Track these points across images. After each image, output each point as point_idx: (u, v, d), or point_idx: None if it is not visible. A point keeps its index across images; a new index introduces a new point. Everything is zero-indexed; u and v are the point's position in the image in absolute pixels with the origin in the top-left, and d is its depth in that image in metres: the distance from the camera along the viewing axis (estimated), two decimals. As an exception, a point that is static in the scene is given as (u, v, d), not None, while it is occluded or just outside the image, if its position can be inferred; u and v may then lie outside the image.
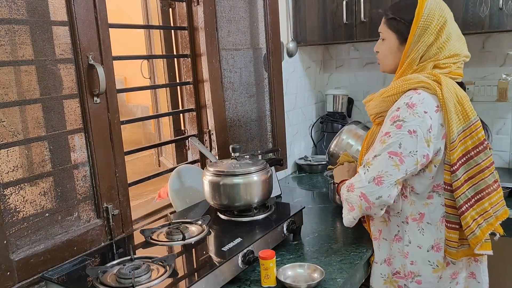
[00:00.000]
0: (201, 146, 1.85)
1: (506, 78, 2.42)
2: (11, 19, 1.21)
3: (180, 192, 1.80)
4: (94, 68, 1.39)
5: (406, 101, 1.32)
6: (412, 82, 1.35)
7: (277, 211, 1.69)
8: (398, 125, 1.30)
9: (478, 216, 1.32)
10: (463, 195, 1.31)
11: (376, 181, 1.31)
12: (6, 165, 1.22)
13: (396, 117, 1.32)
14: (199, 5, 1.87)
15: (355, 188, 1.35)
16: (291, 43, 2.54)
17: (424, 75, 1.36)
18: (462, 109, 1.32)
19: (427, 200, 1.40)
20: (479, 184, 1.33)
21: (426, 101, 1.31)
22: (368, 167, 1.34)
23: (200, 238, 1.46)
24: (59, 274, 1.27)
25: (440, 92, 1.31)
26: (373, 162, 1.33)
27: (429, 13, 1.36)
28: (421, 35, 1.36)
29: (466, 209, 1.31)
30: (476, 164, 1.33)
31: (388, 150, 1.31)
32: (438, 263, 1.40)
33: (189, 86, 1.96)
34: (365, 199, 1.33)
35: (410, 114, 1.29)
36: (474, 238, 1.31)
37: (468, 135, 1.33)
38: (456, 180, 1.31)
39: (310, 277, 1.40)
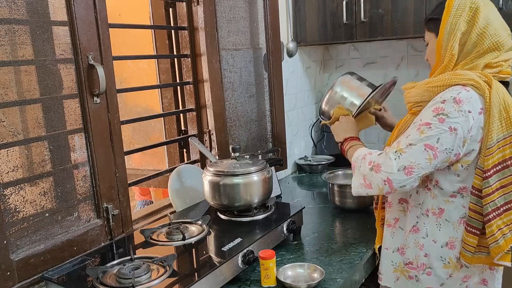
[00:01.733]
0: (201, 146, 1.85)
1: (506, 78, 2.42)
2: (11, 19, 1.21)
3: (180, 192, 1.80)
4: (94, 68, 1.39)
5: (453, 95, 1.26)
6: (463, 78, 1.29)
7: (277, 211, 1.69)
8: (441, 118, 1.25)
9: (504, 226, 1.29)
10: (492, 203, 1.27)
11: (406, 171, 1.27)
12: (6, 165, 1.22)
13: (440, 110, 1.26)
14: (199, 5, 1.87)
15: (382, 171, 1.29)
16: (291, 43, 2.54)
17: (475, 73, 1.30)
18: (507, 116, 1.28)
19: (449, 198, 1.37)
20: (510, 194, 1.29)
21: (473, 100, 1.26)
22: (400, 154, 1.28)
23: (200, 238, 1.46)
24: (59, 274, 1.27)
25: (488, 94, 1.27)
26: (407, 150, 1.27)
27: (460, 2, 1.32)
28: (455, 24, 1.31)
29: (493, 217, 1.27)
30: (511, 174, 1.29)
31: (425, 142, 1.26)
32: (450, 260, 1.39)
33: (189, 86, 1.96)
34: (390, 185, 1.29)
35: (456, 110, 1.25)
36: (496, 247, 1.28)
37: (508, 143, 1.28)
38: (487, 186, 1.27)
39: (310, 277, 1.40)
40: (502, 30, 1.33)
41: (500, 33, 1.32)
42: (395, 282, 1.51)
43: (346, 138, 1.56)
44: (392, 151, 1.30)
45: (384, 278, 1.54)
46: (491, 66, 1.32)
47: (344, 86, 1.72)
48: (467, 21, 1.31)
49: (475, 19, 1.30)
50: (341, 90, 1.71)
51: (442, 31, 1.34)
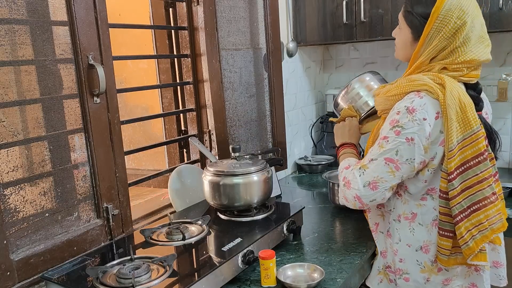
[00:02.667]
0: (201, 146, 1.85)
1: (506, 78, 2.42)
2: (11, 19, 1.21)
3: (180, 192, 1.80)
4: (94, 68, 1.39)
5: (407, 105, 1.27)
6: (416, 84, 1.30)
7: (277, 211, 1.69)
8: (396, 131, 1.28)
9: (472, 227, 1.28)
10: (459, 205, 1.28)
11: (371, 186, 1.31)
12: (6, 165, 1.22)
13: (395, 122, 1.28)
14: (199, 5, 1.87)
15: (351, 188, 1.34)
16: (291, 43, 2.54)
17: (429, 76, 1.30)
18: (464, 117, 1.26)
19: (420, 202, 1.38)
20: (476, 195, 1.28)
21: (427, 106, 1.26)
22: (364, 170, 1.32)
23: (200, 238, 1.46)
24: (59, 274, 1.27)
25: (442, 97, 1.26)
26: (369, 166, 1.31)
27: (445, 14, 1.27)
28: (433, 38, 1.29)
29: (460, 219, 1.28)
30: (474, 175, 1.28)
31: (384, 156, 1.29)
32: (425, 264, 1.38)
33: (189, 86, 1.96)
34: (359, 201, 1.34)
35: (410, 120, 1.26)
36: (467, 249, 1.28)
37: (468, 144, 1.27)
38: (452, 189, 1.27)
39: (310, 277, 1.40)
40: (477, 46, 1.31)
41: (473, 51, 1.30)
42: (378, 284, 1.53)
43: (342, 143, 1.57)
44: (357, 168, 1.34)
45: (370, 278, 1.56)
46: (449, 69, 1.32)
47: (362, 84, 1.68)
48: (447, 37, 1.28)
49: (455, 37, 1.28)
50: (359, 87, 1.68)
51: (421, 40, 1.32)
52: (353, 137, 1.60)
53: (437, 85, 1.27)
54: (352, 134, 1.60)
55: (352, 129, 1.62)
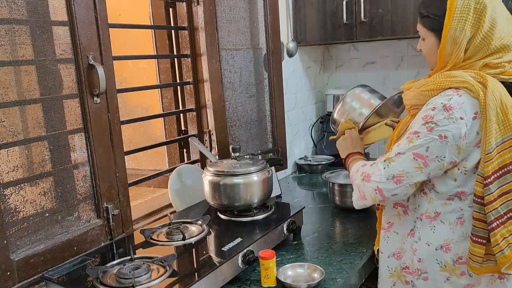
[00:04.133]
0: (201, 146, 1.85)
1: (506, 78, 2.42)
2: (11, 19, 1.21)
3: (180, 192, 1.80)
4: (94, 68, 1.39)
5: (444, 102, 1.22)
6: (456, 80, 1.23)
7: (277, 211, 1.69)
8: (429, 127, 1.22)
9: (509, 234, 1.22)
10: (495, 211, 1.21)
11: (395, 180, 1.26)
12: (6, 165, 1.22)
13: (429, 118, 1.23)
14: (199, 5, 1.87)
15: (372, 181, 1.30)
16: (291, 43, 2.54)
17: (470, 74, 1.24)
18: (504, 118, 1.20)
19: (446, 201, 1.32)
20: None
21: (465, 105, 1.21)
22: (389, 163, 1.27)
23: (200, 238, 1.46)
24: (59, 274, 1.27)
25: (483, 97, 1.20)
26: (396, 159, 1.27)
27: (463, 3, 1.22)
28: (459, 30, 1.23)
29: (496, 226, 1.21)
30: None
31: (413, 151, 1.24)
32: (446, 263, 1.33)
33: (189, 86, 1.96)
34: (381, 193, 1.29)
35: (445, 118, 1.20)
36: (502, 257, 1.21)
37: (508, 147, 1.21)
38: (488, 194, 1.20)
39: (310, 277, 1.40)
40: (507, 25, 1.25)
41: (506, 34, 1.24)
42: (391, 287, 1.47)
43: (348, 154, 1.54)
44: (381, 161, 1.30)
45: (381, 283, 1.50)
46: (491, 66, 1.26)
47: (354, 97, 1.72)
48: (472, 25, 1.22)
49: (480, 22, 1.22)
50: (351, 100, 1.71)
51: (445, 37, 1.26)
52: (357, 146, 1.57)
53: (478, 84, 1.22)
54: (356, 144, 1.58)
55: (354, 139, 1.60)
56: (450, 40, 1.25)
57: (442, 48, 1.27)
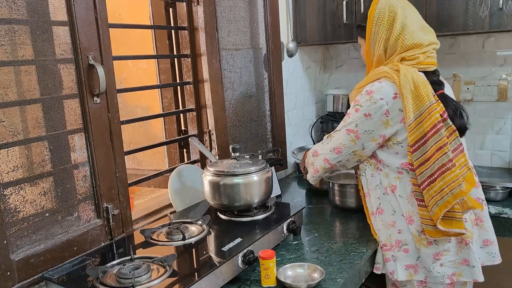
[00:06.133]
0: (201, 146, 1.85)
1: (506, 78, 2.42)
2: (11, 19, 1.21)
3: (180, 192, 1.80)
4: (94, 68, 1.39)
5: (367, 89, 1.51)
6: (377, 73, 1.52)
7: (277, 211, 1.69)
8: (356, 108, 1.52)
9: (435, 194, 1.41)
10: (422, 174, 1.43)
11: (336, 151, 1.59)
12: (6, 165, 1.22)
13: (356, 102, 1.53)
14: (199, 5, 1.87)
15: (320, 154, 1.65)
16: (291, 43, 2.54)
17: (388, 66, 1.52)
18: (417, 93, 1.43)
19: (398, 175, 1.53)
20: (435, 164, 1.42)
21: (384, 89, 1.47)
22: (330, 139, 1.62)
23: (200, 238, 1.46)
24: (59, 274, 1.27)
25: (398, 80, 1.45)
26: (334, 135, 1.61)
27: (379, 12, 1.52)
28: (377, 33, 1.53)
29: (424, 187, 1.43)
30: (433, 144, 1.42)
31: (346, 128, 1.55)
32: (414, 236, 1.49)
33: (189, 86, 1.96)
34: (328, 162, 1.63)
35: (367, 100, 1.49)
36: (433, 215, 1.41)
37: (424, 118, 1.42)
38: (415, 159, 1.44)
39: (310, 277, 1.40)
40: (419, 32, 1.51)
41: (417, 36, 1.50)
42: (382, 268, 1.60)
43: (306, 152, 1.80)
44: (325, 138, 1.66)
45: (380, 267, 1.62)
46: (406, 59, 1.51)
47: None
48: (386, 29, 1.51)
49: (393, 26, 1.50)
50: None
51: (368, 39, 1.57)
52: None
53: (394, 71, 1.48)
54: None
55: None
56: (371, 41, 1.56)
57: (367, 49, 1.60)
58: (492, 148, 2.51)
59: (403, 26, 1.50)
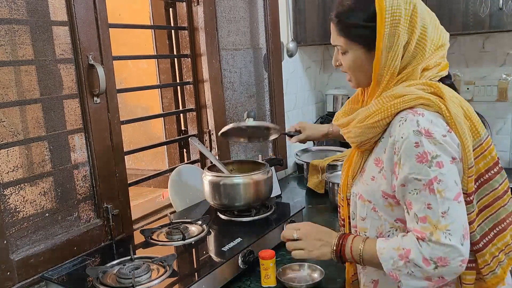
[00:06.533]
0: (201, 146, 1.85)
1: (506, 78, 2.42)
2: (11, 19, 1.21)
3: (180, 192, 1.80)
4: (94, 68, 1.39)
5: (415, 129, 1.00)
6: (407, 99, 1.02)
7: (277, 211, 1.69)
8: (438, 163, 0.99)
9: (498, 252, 1.08)
10: (479, 228, 1.06)
11: (466, 237, 1.00)
12: (6, 165, 1.22)
13: (426, 155, 0.99)
14: (199, 5, 1.87)
15: (452, 260, 0.99)
16: (291, 43, 2.54)
17: (417, 86, 1.05)
18: (471, 124, 1.06)
19: None
20: (497, 214, 1.08)
21: (435, 122, 1.01)
22: (448, 231, 0.99)
23: (200, 238, 1.46)
24: (59, 274, 1.27)
25: (445, 109, 1.02)
26: (447, 220, 0.99)
27: (392, 5, 1.02)
28: (394, 36, 1.03)
29: (484, 245, 1.06)
30: (492, 190, 1.07)
31: (452, 198, 0.99)
32: None
33: (189, 86, 1.96)
34: (465, 262, 1.01)
35: (435, 144, 0.99)
36: (493, 278, 1.07)
37: (479, 154, 1.06)
38: (471, 211, 1.04)
39: (310, 277, 1.40)
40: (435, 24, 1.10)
41: (436, 31, 1.09)
42: None
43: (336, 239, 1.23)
44: (441, 236, 0.99)
45: None
46: (429, 69, 1.08)
47: None
48: (407, 30, 1.04)
49: (413, 24, 1.04)
50: None
51: (379, 47, 1.04)
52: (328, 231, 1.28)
53: (433, 95, 1.04)
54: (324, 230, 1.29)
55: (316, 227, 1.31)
56: (386, 49, 1.04)
57: (378, 58, 1.05)
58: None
59: (424, 22, 1.05)
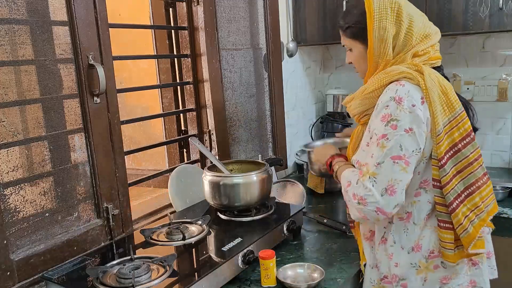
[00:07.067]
0: (201, 146, 1.85)
1: (506, 78, 2.42)
2: (11, 19, 1.21)
3: (180, 192, 1.80)
4: (94, 68, 1.39)
5: (392, 95, 1.22)
6: (394, 73, 1.26)
7: (277, 211, 1.69)
8: (393, 125, 1.20)
9: (469, 212, 1.24)
10: (453, 191, 1.22)
11: (389, 192, 1.19)
12: (6, 165, 1.22)
13: (388, 116, 1.21)
14: (199, 5, 1.87)
15: (368, 203, 1.20)
16: (291, 43, 2.54)
17: (404, 65, 1.28)
18: (446, 99, 1.25)
19: (414, 198, 1.29)
20: (468, 178, 1.25)
21: (411, 93, 1.22)
22: (374, 178, 1.20)
23: (200, 238, 1.46)
24: (59, 274, 1.27)
25: (423, 82, 1.23)
26: (378, 171, 1.20)
27: (379, 5, 1.29)
28: (383, 29, 1.28)
29: (456, 205, 1.22)
30: (465, 157, 1.24)
31: (390, 155, 1.19)
32: (420, 263, 1.29)
33: (189, 86, 1.96)
34: (383, 212, 1.20)
35: (401, 110, 1.20)
36: (467, 236, 1.22)
37: (454, 126, 1.24)
38: (444, 175, 1.22)
39: (310, 277, 1.40)
40: (424, 19, 1.33)
41: (423, 25, 1.31)
42: None
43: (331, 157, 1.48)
44: (366, 179, 1.21)
45: None
46: (418, 55, 1.30)
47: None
48: (394, 23, 1.28)
49: (400, 19, 1.28)
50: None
51: (371, 39, 1.30)
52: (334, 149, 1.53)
53: (415, 72, 1.25)
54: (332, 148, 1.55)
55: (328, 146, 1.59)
56: (377, 40, 1.29)
57: (370, 49, 1.31)
58: (492, 148, 2.51)
59: (410, 17, 1.29)
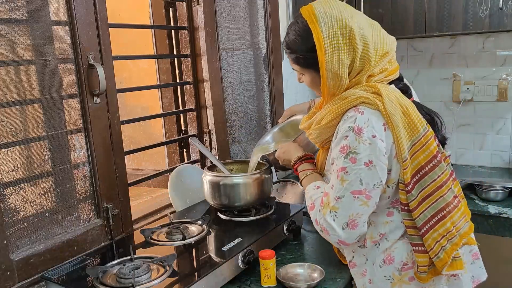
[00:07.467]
0: (201, 146, 1.85)
1: (506, 78, 2.42)
2: (11, 19, 1.21)
3: (180, 192, 1.80)
4: (94, 68, 1.39)
5: (351, 125, 1.15)
6: (351, 99, 1.18)
7: (277, 211, 1.69)
8: (352, 158, 1.14)
9: (440, 237, 1.19)
10: (422, 215, 1.18)
11: (350, 226, 1.16)
12: (6, 165, 1.22)
13: (347, 148, 1.15)
14: (199, 5, 1.87)
15: (330, 235, 1.18)
16: (291, 43, 2.53)
17: (360, 88, 1.20)
18: (409, 120, 1.17)
19: (387, 218, 1.25)
20: (438, 203, 1.19)
21: (371, 121, 1.14)
22: (335, 213, 1.16)
23: (200, 238, 1.46)
24: (59, 274, 1.27)
25: (382, 106, 1.15)
26: (339, 205, 1.16)
27: (328, 33, 1.17)
28: (336, 61, 1.17)
29: (426, 230, 1.18)
30: (432, 181, 1.18)
31: (350, 190, 1.15)
32: (394, 276, 1.24)
33: (189, 86, 1.96)
34: (345, 243, 1.20)
35: (360, 142, 1.13)
36: (439, 261, 1.18)
37: (419, 149, 1.17)
38: (412, 199, 1.17)
39: (310, 277, 1.40)
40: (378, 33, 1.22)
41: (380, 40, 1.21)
42: None
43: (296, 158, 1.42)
44: (327, 213, 1.17)
45: None
46: (374, 75, 1.22)
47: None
48: (347, 52, 1.17)
49: (353, 45, 1.17)
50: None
51: (323, 74, 1.20)
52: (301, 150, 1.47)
53: (373, 95, 1.17)
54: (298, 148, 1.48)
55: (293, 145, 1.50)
56: (330, 74, 1.19)
57: (324, 84, 1.21)
58: (492, 148, 2.51)
59: (364, 39, 1.18)
